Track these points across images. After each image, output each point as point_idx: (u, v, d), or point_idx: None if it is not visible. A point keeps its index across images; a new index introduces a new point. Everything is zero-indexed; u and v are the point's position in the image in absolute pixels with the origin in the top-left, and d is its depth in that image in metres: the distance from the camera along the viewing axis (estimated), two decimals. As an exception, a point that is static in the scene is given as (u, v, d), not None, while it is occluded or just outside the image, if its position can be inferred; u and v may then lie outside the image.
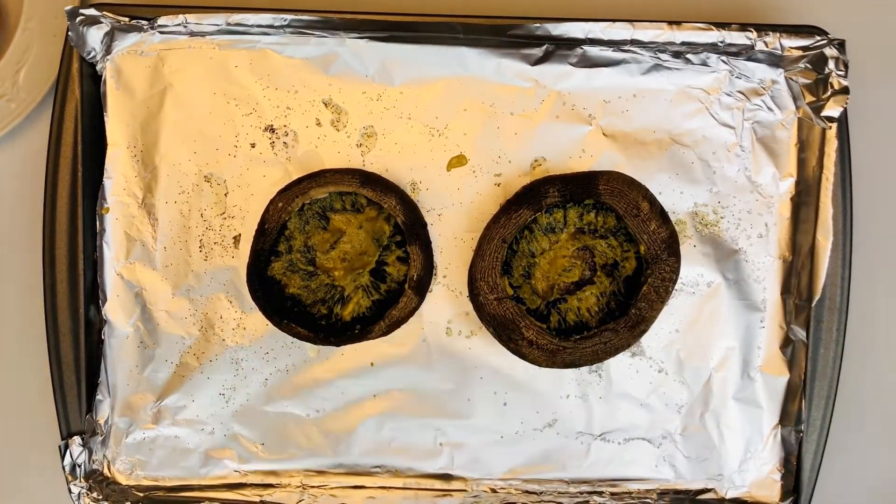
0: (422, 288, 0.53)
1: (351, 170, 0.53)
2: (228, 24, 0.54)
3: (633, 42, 0.54)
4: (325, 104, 0.55)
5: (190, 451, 0.56)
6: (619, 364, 0.55)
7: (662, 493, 0.55)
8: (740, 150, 0.55)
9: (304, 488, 0.55)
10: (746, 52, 0.54)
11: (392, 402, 0.55)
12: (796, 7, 0.59)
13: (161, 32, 0.55)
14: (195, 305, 0.55)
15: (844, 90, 0.53)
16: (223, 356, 0.55)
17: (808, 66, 0.54)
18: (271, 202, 0.52)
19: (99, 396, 0.55)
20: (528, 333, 0.50)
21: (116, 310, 0.55)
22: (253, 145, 0.55)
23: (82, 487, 0.55)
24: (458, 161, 0.55)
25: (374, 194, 0.52)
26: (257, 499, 0.55)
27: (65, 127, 0.55)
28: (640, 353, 0.55)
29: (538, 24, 0.53)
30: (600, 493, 0.55)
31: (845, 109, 0.53)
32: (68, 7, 0.53)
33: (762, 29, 0.53)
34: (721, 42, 0.53)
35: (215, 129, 0.55)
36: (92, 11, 0.53)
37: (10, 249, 0.60)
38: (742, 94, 0.55)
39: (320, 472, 0.56)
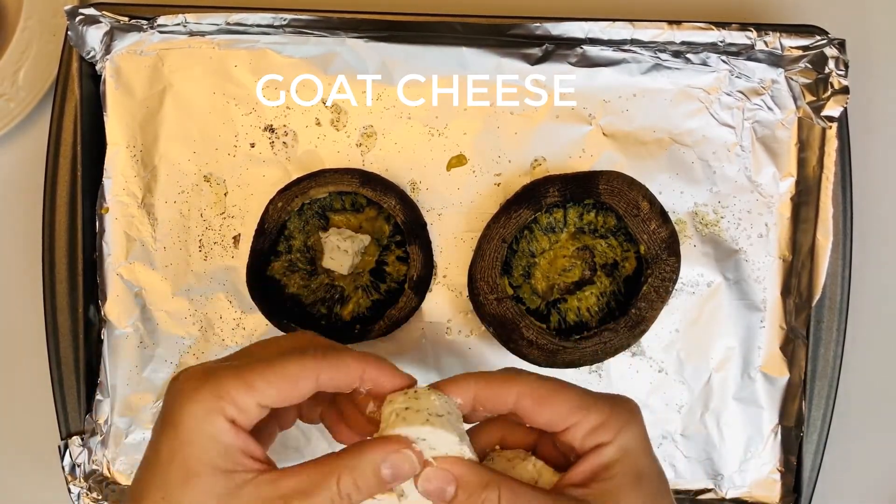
0: (421, 288, 0.53)
1: (350, 169, 0.53)
2: (228, 24, 0.54)
3: (633, 42, 0.54)
4: (325, 104, 0.55)
5: (190, 451, 0.56)
6: (619, 364, 0.55)
7: (662, 493, 0.55)
8: (740, 149, 0.55)
9: (303, 488, 0.55)
10: (746, 52, 0.54)
11: (392, 402, 0.55)
12: (796, 6, 0.59)
13: (160, 32, 0.55)
14: (195, 305, 0.55)
15: (845, 90, 0.53)
16: (223, 356, 0.55)
17: (809, 65, 0.54)
18: (271, 202, 0.52)
19: (99, 396, 0.55)
20: (528, 333, 0.50)
21: (116, 310, 0.55)
22: (252, 145, 0.55)
23: (82, 487, 0.55)
24: (458, 161, 0.55)
25: (374, 194, 0.52)
26: (257, 499, 0.55)
27: (64, 126, 0.55)
28: (640, 353, 0.55)
29: (538, 24, 0.53)
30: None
31: (845, 109, 0.53)
32: (68, 6, 0.53)
33: (762, 28, 0.53)
34: (721, 42, 0.53)
35: (215, 128, 0.55)
36: (91, 11, 0.53)
37: (9, 249, 0.60)
38: (742, 93, 0.55)
39: (320, 472, 0.55)
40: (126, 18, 0.54)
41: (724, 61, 0.54)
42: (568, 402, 0.36)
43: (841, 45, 0.53)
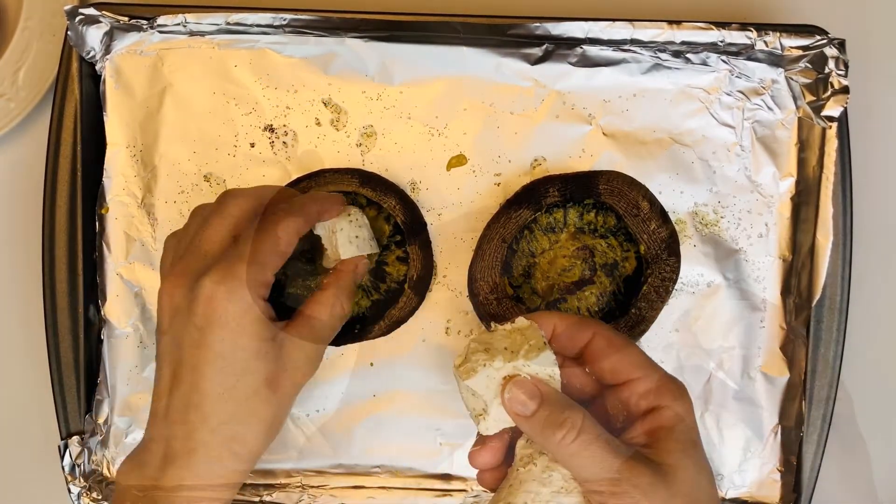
0: (421, 288, 0.53)
1: (350, 169, 0.53)
2: (228, 24, 0.54)
3: (633, 41, 0.54)
4: (325, 104, 0.55)
5: (190, 451, 0.56)
6: (619, 364, 0.55)
7: (662, 493, 0.55)
8: (740, 149, 0.55)
9: (303, 488, 0.55)
10: (746, 52, 0.54)
11: (392, 402, 0.55)
12: (796, 6, 0.59)
13: (160, 32, 0.55)
14: (195, 305, 0.55)
15: (845, 90, 0.53)
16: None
17: (809, 65, 0.54)
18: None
19: (98, 396, 0.55)
20: (528, 333, 0.50)
21: (116, 310, 0.55)
22: (252, 145, 0.55)
23: (82, 487, 0.55)
24: (458, 161, 0.55)
25: (374, 194, 0.52)
26: (257, 499, 0.55)
27: (64, 126, 0.55)
28: (640, 352, 0.55)
29: (538, 24, 0.53)
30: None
31: (845, 109, 0.53)
32: (68, 6, 0.53)
33: (762, 28, 0.53)
34: (721, 41, 0.53)
35: (215, 128, 0.55)
36: (91, 11, 0.53)
37: (9, 249, 0.60)
38: (742, 93, 0.55)
39: (320, 472, 0.56)
40: (126, 18, 0.54)
41: (724, 61, 0.54)
42: (635, 357, 0.38)
43: (841, 45, 0.53)
